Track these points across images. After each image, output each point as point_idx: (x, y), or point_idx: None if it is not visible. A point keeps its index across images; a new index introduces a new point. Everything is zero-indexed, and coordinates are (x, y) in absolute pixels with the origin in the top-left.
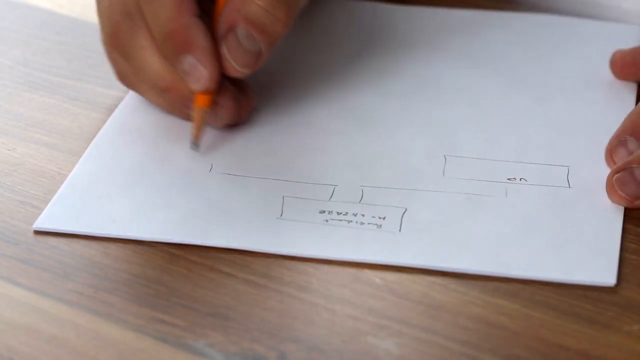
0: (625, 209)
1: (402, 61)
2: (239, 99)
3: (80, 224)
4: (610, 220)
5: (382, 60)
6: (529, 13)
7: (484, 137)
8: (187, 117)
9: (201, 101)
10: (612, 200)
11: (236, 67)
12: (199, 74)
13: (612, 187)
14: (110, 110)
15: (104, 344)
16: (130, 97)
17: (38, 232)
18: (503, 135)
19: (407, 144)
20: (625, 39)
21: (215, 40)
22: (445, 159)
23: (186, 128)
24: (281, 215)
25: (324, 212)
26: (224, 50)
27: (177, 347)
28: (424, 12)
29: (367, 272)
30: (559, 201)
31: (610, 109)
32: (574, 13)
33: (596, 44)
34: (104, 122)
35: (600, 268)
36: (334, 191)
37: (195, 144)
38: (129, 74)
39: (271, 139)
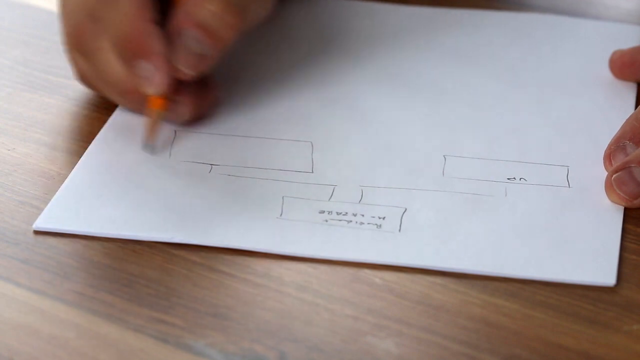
0: (625, 209)
1: (401, 61)
2: (199, 95)
3: (80, 224)
4: (610, 220)
5: (382, 60)
6: (529, 13)
7: (483, 137)
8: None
9: (155, 103)
10: (611, 200)
11: (182, 69)
12: (153, 78)
13: (611, 187)
14: (110, 110)
15: (104, 344)
16: None
17: (38, 232)
18: (503, 135)
19: (407, 144)
20: (625, 39)
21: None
22: (445, 158)
23: (186, 127)
24: (281, 215)
25: (324, 212)
26: (171, 51)
27: (177, 347)
28: (424, 12)
29: (367, 272)
30: (558, 201)
31: (610, 109)
32: (574, 13)
33: (596, 44)
34: (104, 122)
35: (600, 268)
36: (333, 191)
37: (149, 145)
38: (89, 74)
39: (271, 139)
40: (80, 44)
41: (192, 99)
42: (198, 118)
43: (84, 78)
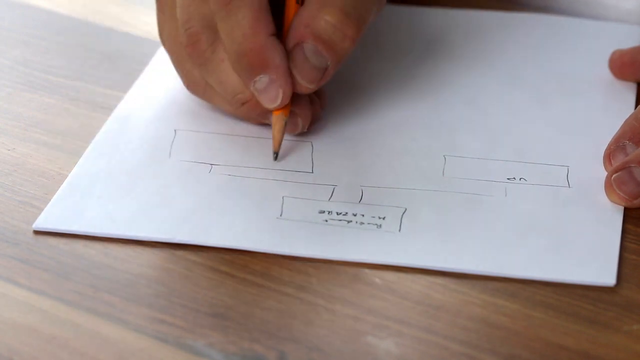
0: (625, 209)
1: (402, 61)
2: (313, 103)
3: (80, 224)
4: (610, 220)
5: (382, 60)
6: (529, 13)
7: (483, 137)
8: (261, 124)
9: (280, 111)
10: (611, 200)
11: (302, 83)
12: (274, 93)
13: (611, 187)
14: (110, 110)
15: (104, 344)
16: (130, 97)
17: (38, 232)
18: (503, 135)
19: (407, 144)
20: (625, 39)
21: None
22: (445, 158)
23: (186, 125)
24: (281, 215)
25: (324, 212)
26: (291, 64)
27: (177, 347)
28: (424, 12)
29: (367, 272)
30: (558, 201)
31: (610, 109)
32: (574, 13)
33: (596, 44)
34: (104, 122)
35: (600, 268)
36: (333, 191)
37: (276, 153)
38: (202, 84)
39: (271, 139)
40: (197, 53)
41: (308, 109)
42: (308, 129)
43: (196, 88)
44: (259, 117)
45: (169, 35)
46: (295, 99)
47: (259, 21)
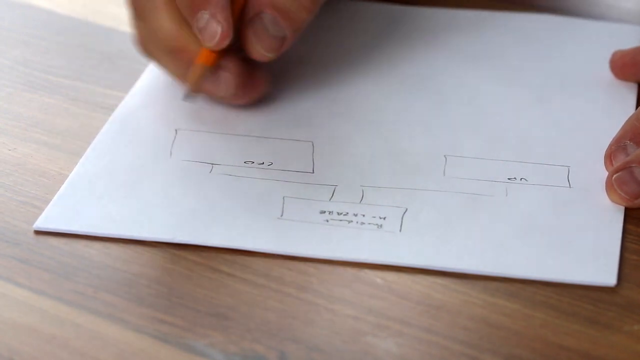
0: (626, 209)
1: (402, 61)
2: (246, 74)
3: (80, 224)
4: (610, 220)
5: (382, 60)
6: (529, 13)
7: (484, 137)
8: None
9: (204, 58)
10: (612, 200)
11: (261, 51)
12: (213, 29)
13: (612, 187)
14: (110, 110)
15: (104, 344)
16: (130, 97)
17: (38, 232)
18: (503, 135)
19: (407, 144)
20: (625, 39)
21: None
22: (446, 158)
23: (187, 125)
24: (282, 215)
25: (325, 212)
26: (250, 33)
27: (177, 347)
28: (424, 12)
29: (368, 272)
30: (559, 201)
31: (610, 109)
32: (574, 13)
33: (596, 44)
34: (104, 122)
35: (600, 268)
36: (334, 191)
37: (190, 95)
38: (145, 37)
39: (271, 138)
40: (137, 5)
41: (237, 70)
42: (238, 100)
43: (141, 44)
44: (189, 71)
45: None
46: (225, 56)
47: None
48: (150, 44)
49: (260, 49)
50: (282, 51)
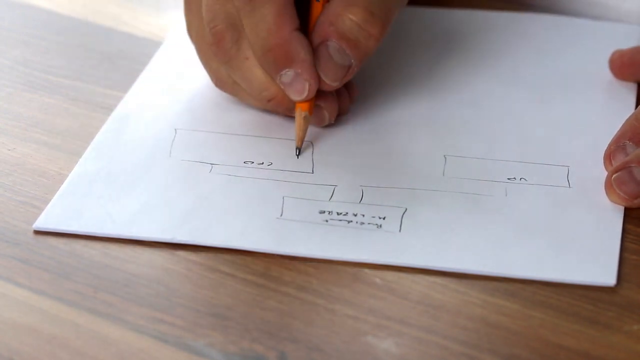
0: (625, 209)
1: (402, 61)
2: (339, 98)
3: (80, 224)
4: (610, 220)
5: (382, 60)
6: (529, 13)
7: (484, 137)
8: (289, 116)
9: (303, 106)
10: (611, 200)
11: (326, 80)
12: (300, 86)
13: (611, 187)
14: (110, 110)
15: (104, 344)
16: (130, 97)
17: (38, 232)
18: (503, 135)
19: (407, 144)
20: (625, 39)
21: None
22: (445, 158)
23: (186, 125)
24: (281, 215)
25: (324, 212)
26: (315, 61)
27: (177, 347)
28: (425, 12)
29: (367, 272)
30: (559, 201)
31: (610, 109)
32: (574, 13)
33: (596, 44)
34: (104, 122)
35: (600, 268)
36: (334, 191)
37: (298, 148)
38: (229, 82)
39: (271, 138)
40: (222, 51)
41: (334, 103)
42: (341, 115)
43: (224, 86)
44: (287, 112)
45: (196, 33)
46: (320, 92)
47: (283, 16)
48: (239, 89)
49: (324, 78)
50: (347, 80)
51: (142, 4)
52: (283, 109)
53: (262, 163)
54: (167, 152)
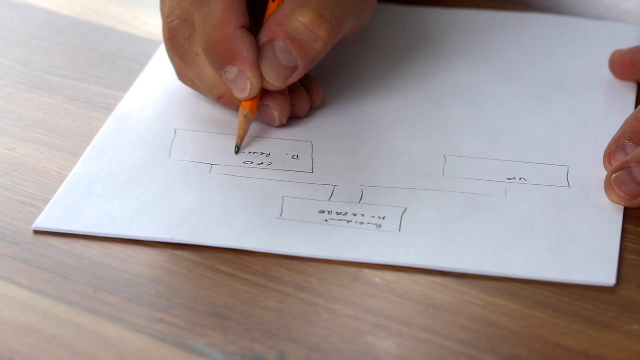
0: (625, 209)
1: (402, 61)
2: (295, 98)
3: (80, 224)
4: (610, 220)
5: (382, 60)
6: (529, 13)
7: (483, 136)
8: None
9: (245, 105)
10: (611, 200)
11: (269, 80)
12: (243, 84)
13: (611, 187)
14: (110, 110)
15: (104, 344)
16: (130, 97)
17: (38, 232)
18: (503, 135)
19: (407, 144)
20: (625, 39)
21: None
22: (445, 158)
23: (186, 125)
24: (281, 215)
25: (324, 212)
26: (260, 59)
27: (177, 347)
28: (425, 12)
29: (367, 272)
30: (558, 201)
31: (610, 109)
32: (574, 13)
33: (596, 44)
34: (104, 122)
35: (600, 268)
36: (333, 191)
37: (237, 146)
38: (187, 77)
39: (271, 139)
40: (175, 47)
41: (284, 103)
42: (300, 117)
43: (184, 80)
44: (237, 110)
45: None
46: (269, 92)
47: (230, 13)
48: (193, 84)
49: (268, 77)
50: (293, 81)
51: (142, 4)
52: (234, 106)
53: (262, 163)
54: (167, 152)
